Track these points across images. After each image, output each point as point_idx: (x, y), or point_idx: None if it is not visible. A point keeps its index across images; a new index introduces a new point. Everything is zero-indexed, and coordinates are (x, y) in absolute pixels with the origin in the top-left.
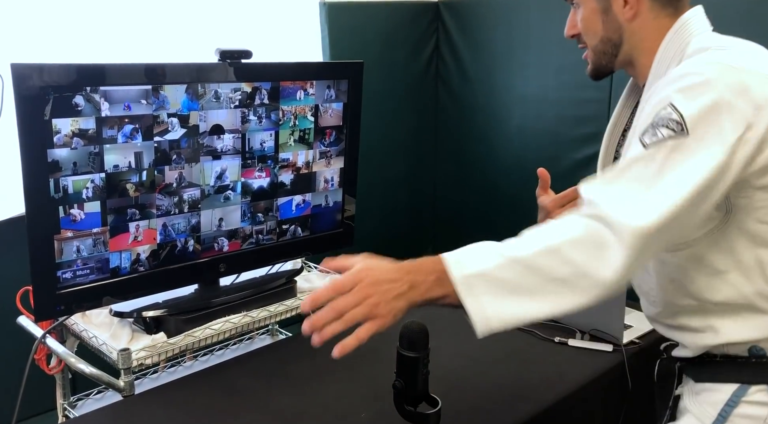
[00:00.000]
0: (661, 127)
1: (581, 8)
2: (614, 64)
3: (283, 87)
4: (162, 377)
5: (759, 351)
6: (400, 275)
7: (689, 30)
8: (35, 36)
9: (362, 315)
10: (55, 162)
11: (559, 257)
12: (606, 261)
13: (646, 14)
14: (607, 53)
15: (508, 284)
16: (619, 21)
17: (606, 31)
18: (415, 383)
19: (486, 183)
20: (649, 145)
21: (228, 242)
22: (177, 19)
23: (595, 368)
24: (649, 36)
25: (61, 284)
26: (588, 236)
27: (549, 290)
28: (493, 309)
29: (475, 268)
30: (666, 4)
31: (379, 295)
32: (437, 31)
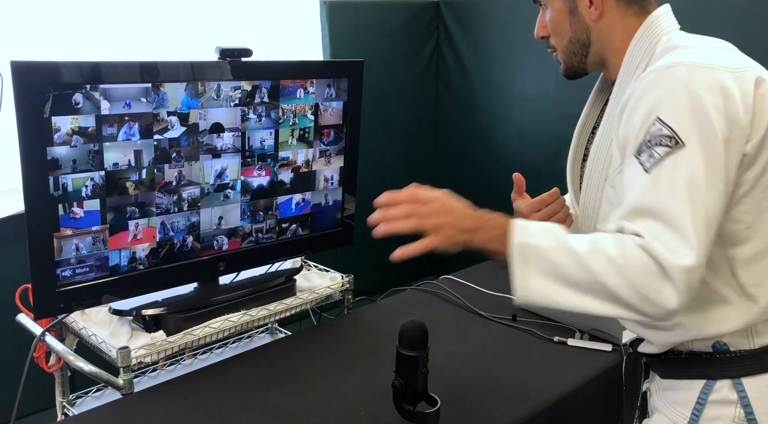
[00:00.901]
0: (656, 147)
1: (549, 9)
2: (586, 65)
3: (283, 85)
4: (161, 375)
5: (723, 346)
6: (471, 214)
7: (658, 28)
8: (36, 34)
9: (432, 226)
10: (54, 160)
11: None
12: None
13: (612, 14)
14: (577, 53)
15: (556, 268)
16: (586, 21)
17: (574, 31)
18: (414, 383)
19: (486, 182)
20: (650, 168)
21: (227, 241)
22: (177, 17)
23: (594, 368)
24: (616, 35)
25: (61, 281)
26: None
27: (594, 290)
28: (537, 285)
29: (534, 240)
30: (632, 3)
31: (450, 219)
32: (438, 30)
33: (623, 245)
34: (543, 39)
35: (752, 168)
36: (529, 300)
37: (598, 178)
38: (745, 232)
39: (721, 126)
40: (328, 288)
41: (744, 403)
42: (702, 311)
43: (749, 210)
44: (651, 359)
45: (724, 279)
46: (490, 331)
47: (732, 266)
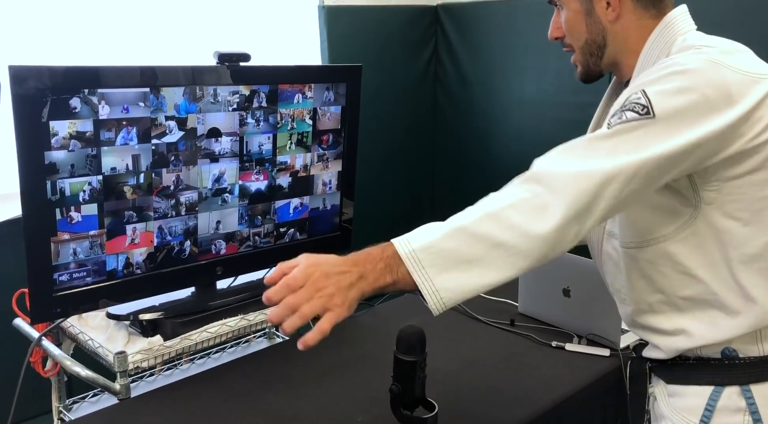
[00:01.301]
0: (627, 111)
1: (564, 10)
2: (601, 66)
3: (282, 90)
4: (158, 380)
5: (732, 353)
6: (348, 266)
7: (674, 29)
8: (33, 38)
9: (320, 307)
10: (52, 164)
11: (500, 221)
12: (544, 216)
13: (629, 16)
14: (593, 55)
15: (453, 254)
16: (603, 22)
17: (590, 32)
18: (411, 388)
19: (484, 186)
20: (613, 125)
21: (225, 245)
22: (176, 21)
23: (592, 373)
24: (633, 37)
25: (58, 286)
26: (526, 198)
27: (494, 256)
28: (441, 282)
29: (420, 242)
30: (649, 5)
31: (332, 286)
32: (436, 34)
33: (509, 195)
34: (557, 40)
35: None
36: (446, 304)
37: None
38: (741, 230)
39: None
40: None
41: (752, 410)
42: (704, 315)
43: (744, 208)
44: (656, 364)
45: (724, 281)
46: (487, 336)
47: (731, 267)
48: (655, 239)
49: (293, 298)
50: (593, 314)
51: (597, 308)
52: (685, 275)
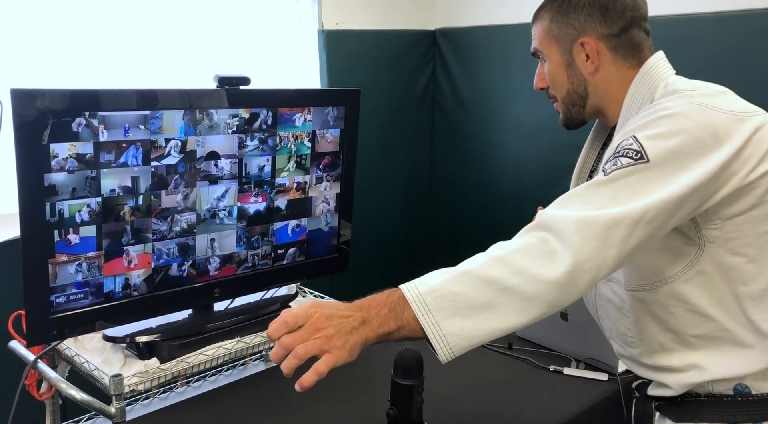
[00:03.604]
0: (621, 157)
1: (547, 62)
2: (584, 115)
3: (281, 113)
4: (154, 403)
5: (744, 389)
6: (351, 311)
7: (655, 75)
8: (35, 61)
9: (316, 348)
10: (51, 186)
11: (508, 266)
12: (553, 261)
13: (608, 67)
14: (575, 105)
15: (461, 299)
16: (583, 74)
17: (571, 84)
18: (409, 412)
19: (481, 209)
20: (608, 171)
21: (223, 267)
22: (176, 45)
23: (590, 397)
24: (614, 87)
25: (55, 308)
26: (533, 244)
27: (503, 301)
28: (449, 326)
29: (427, 286)
30: (628, 55)
31: (332, 328)
32: (434, 58)
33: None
34: (542, 90)
35: (740, 201)
36: (454, 350)
37: None
38: (748, 266)
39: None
40: None
41: None
42: (717, 351)
43: (748, 243)
44: (663, 402)
45: (734, 317)
46: (485, 359)
47: (741, 304)
48: (663, 280)
49: (289, 337)
50: (591, 338)
51: (595, 332)
52: (696, 314)
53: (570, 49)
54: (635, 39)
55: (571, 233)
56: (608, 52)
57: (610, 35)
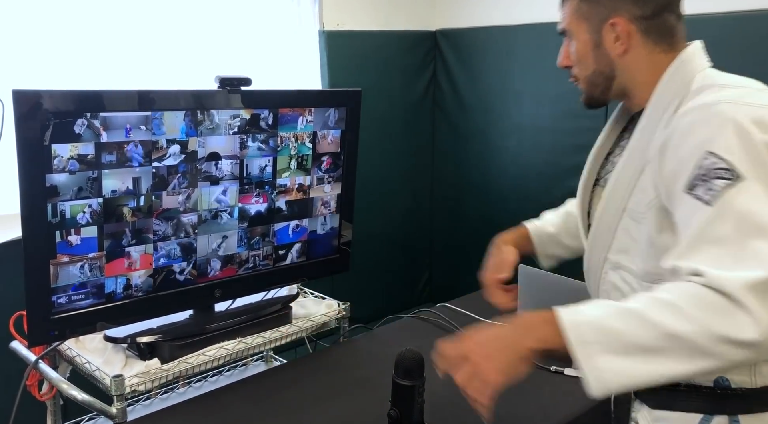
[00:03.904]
0: (714, 180)
1: (574, 41)
2: (608, 96)
3: (282, 114)
4: (155, 403)
5: (725, 382)
6: (508, 331)
7: (692, 66)
8: (36, 62)
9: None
10: (53, 187)
11: (677, 311)
12: (735, 321)
13: (638, 50)
14: (599, 85)
15: (619, 336)
16: (611, 56)
17: (598, 64)
18: (410, 412)
19: (482, 210)
20: (711, 201)
21: (224, 268)
22: (178, 46)
23: (590, 398)
24: (643, 70)
25: (56, 309)
26: (705, 296)
27: (668, 347)
28: (607, 366)
29: (583, 315)
30: (659, 40)
31: (494, 353)
32: (434, 59)
33: (681, 288)
34: (566, 68)
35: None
36: (608, 388)
37: (615, 209)
38: None
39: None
40: (324, 316)
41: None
42: None
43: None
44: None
45: None
46: None
47: None
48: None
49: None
50: None
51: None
52: None
53: (599, 29)
54: (668, 23)
55: (748, 301)
56: (639, 35)
57: (642, 17)
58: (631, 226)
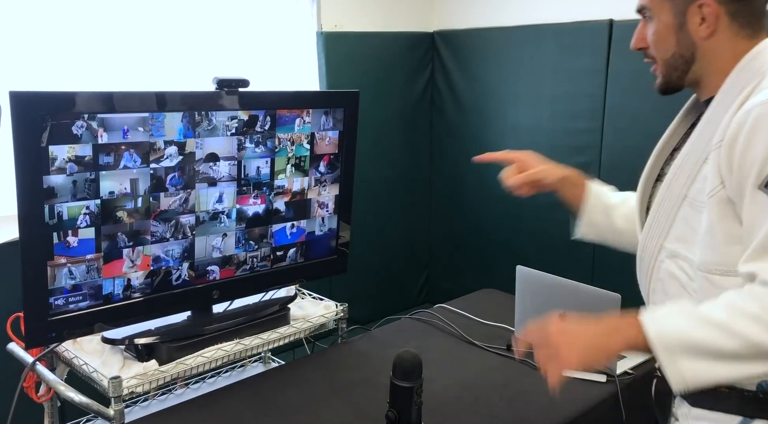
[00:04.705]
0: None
1: (654, 21)
2: (684, 81)
3: (280, 115)
4: (152, 405)
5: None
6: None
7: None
8: (34, 63)
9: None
10: (50, 188)
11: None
12: None
13: (723, 34)
14: (677, 69)
15: (703, 345)
16: (693, 38)
17: (679, 47)
18: (408, 414)
19: (480, 211)
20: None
21: (222, 269)
22: (176, 47)
23: (588, 399)
24: (723, 56)
25: (53, 310)
26: None
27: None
28: (690, 369)
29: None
30: (745, 24)
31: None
32: (432, 60)
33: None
34: (640, 50)
35: None
36: (689, 387)
37: (675, 196)
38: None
39: None
40: (322, 317)
41: None
42: None
43: None
44: None
45: None
46: (484, 361)
47: None
48: None
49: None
50: None
51: None
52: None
53: (685, 10)
54: (757, 6)
55: None
56: (726, 18)
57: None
58: (690, 215)
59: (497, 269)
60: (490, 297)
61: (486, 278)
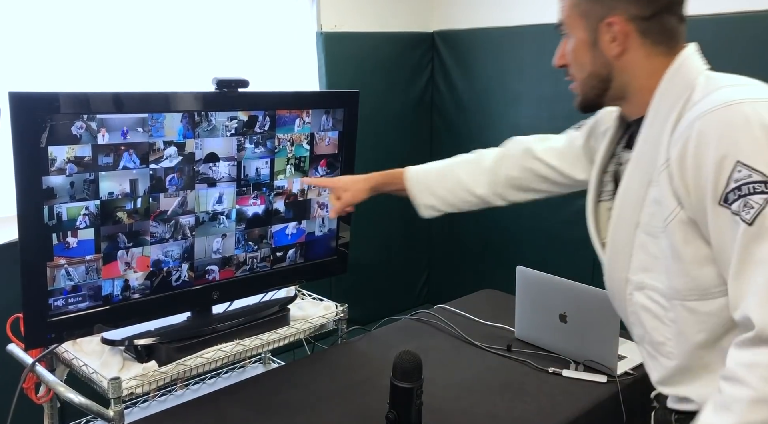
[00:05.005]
0: (752, 195)
1: (571, 39)
2: (603, 99)
3: (280, 115)
4: (152, 406)
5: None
6: None
7: (692, 68)
8: (33, 64)
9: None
10: (49, 189)
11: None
12: None
13: (636, 52)
14: (595, 88)
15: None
16: (607, 57)
17: (594, 65)
18: (408, 415)
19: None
20: (752, 220)
21: (221, 270)
22: (175, 47)
23: (589, 399)
24: (641, 73)
25: (53, 311)
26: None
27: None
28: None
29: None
30: (658, 42)
31: None
32: (432, 60)
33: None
34: (562, 67)
35: None
36: None
37: (627, 224)
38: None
39: None
40: (322, 317)
41: None
42: None
43: None
44: (685, 415)
45: None
46: (484, 361)
47: None
48: (722, 291)
49: None
50: (590, 339)
51: (594, 334)
52: None
53: (596, 27)
54: (668, 25)
55: None
56: (637, 36)
57: (641, 18)
58: (647, 242)
59: (497, 269)
60: (490, 298)
61: (486, 278)
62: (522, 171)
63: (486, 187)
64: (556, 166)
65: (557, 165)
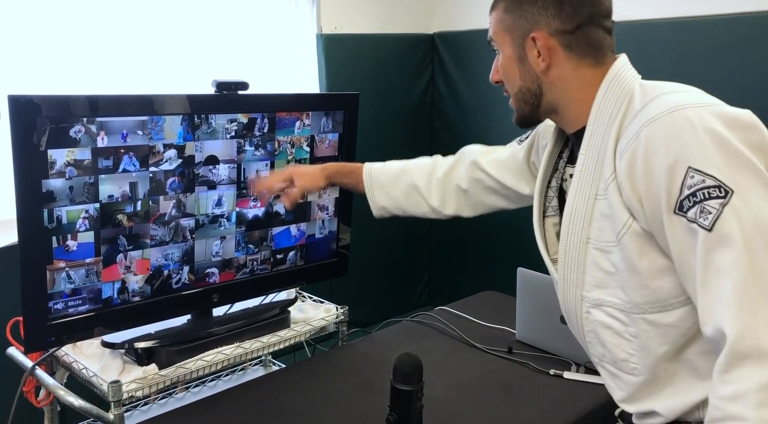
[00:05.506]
0: (708, 201)
1: (501, 55)
2: (538, 114)
3: (279, 118)
4: (152, 409)
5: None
6: None
7: (626, 78)
8: (33, 67)
9: None
10: (49, 192)
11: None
12: None
13: (563, 66)
14: (528, 103)
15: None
16: (536, 71)
17: (524, 80)
18: (409, 417)
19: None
20: (711, 226)
21: (222, 272)
22: (175, 50)
23: (590, 401)
24: (571, 87)
25: (53, 314)
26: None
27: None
28: None
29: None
30: (584, 54)
31: None
32: (432, 62)
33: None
34: (497, 83)
35: None
36: None
37: (577, 241)
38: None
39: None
40: (323, 320)
41: None
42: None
43: None
44: None
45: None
46: (485, 363)
47: None
48: (681, 302)
49: None
50: None
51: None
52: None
53: (522, 43)
54: (592, 37)
55: None
56: (561, 50)
57: (564, 32)
58: (599, 257)
59: (498, 271)
60: (491, 299)
61: (487, 280)
62: (470, 183)
63: (438, 198)
64: (499, 179)
65: (501, 178)
